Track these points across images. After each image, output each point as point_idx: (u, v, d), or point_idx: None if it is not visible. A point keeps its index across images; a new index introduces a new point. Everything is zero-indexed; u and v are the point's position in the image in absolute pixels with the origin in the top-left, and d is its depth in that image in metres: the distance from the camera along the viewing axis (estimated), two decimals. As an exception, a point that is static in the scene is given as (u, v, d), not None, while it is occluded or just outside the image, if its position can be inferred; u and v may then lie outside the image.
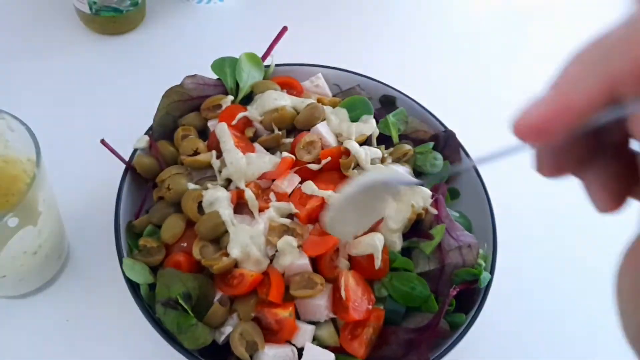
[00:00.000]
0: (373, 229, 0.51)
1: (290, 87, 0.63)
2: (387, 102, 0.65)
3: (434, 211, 0.53)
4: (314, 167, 0.53)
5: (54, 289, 0.53)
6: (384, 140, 0.60)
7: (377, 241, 0.49)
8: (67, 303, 0.52)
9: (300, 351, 0.47)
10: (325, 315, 0.48)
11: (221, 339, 0.47)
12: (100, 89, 0.69)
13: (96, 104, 0.67)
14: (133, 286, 0.47)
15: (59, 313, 0.52)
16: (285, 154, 0.54)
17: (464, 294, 0.51)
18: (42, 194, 0.43)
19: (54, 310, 0.52)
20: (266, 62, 0.63)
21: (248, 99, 0.61)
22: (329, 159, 0.54)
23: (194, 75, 0.59)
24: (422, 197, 0.52)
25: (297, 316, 0.48)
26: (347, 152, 0.54)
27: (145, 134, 0.56)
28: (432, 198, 0.53)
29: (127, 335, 0.51)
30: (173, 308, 0.44)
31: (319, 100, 0.60)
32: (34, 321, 0.51)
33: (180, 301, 0.44)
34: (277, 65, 0.64)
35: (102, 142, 0.53)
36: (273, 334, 0.47)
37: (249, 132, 0.58)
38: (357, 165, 0.54)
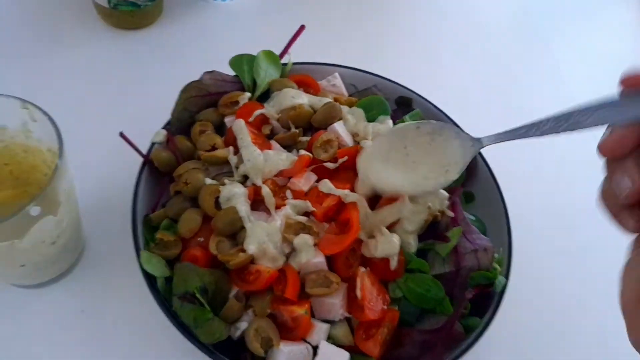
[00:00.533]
0: (390, 228, 0.51)
1: (307, 85, 0.63)
2: (403, 104, 0.65)
3: (450, 213, 0.52)
4: (331, 165, 0.53)
5: (69, 279, 0.53)
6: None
7: (394, 241, 0.49)
8: (82, 294, 0.52)
9: (314, 349, 0.47)
10: (340, 314, 0.48)
11: (236, 334, 0.47)
12: (118, 83, 0.69)
13: (114, 97, 0.67)
14: (150, 279, 0.47)
15: (74, 303, 0.52)
16: (302, 151, 0.54)
17: (479, 297, 0.50)
18: (63, 184, 0.43)
19: (70, 300, 0.52)
20: (283, 60, 0.63)
21: (265, 97, 0.61)
22: (345, 158, 0.53)
23: (212, 71, 0.59)
24: (438, 199, 0.52)
25: (312, 314, 0.48)
26: (364, 152, 0.54)
27: (163, 128, 0.56)
28: (448, 200, 0.53)
29: (142, 328, 0.51)
30: (190, 302, 0.44)
31: (335, 100, 0.60)
32: (50, 310, 0.51)
33: (197, 295, 0.44)
34: (294, 63, 0.64)
35: (121, 134, 0.53)
36: (288, 331, 0.47)
37: (266, 130, 0.58)
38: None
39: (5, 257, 0.43)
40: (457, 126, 0.61)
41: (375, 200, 0.53)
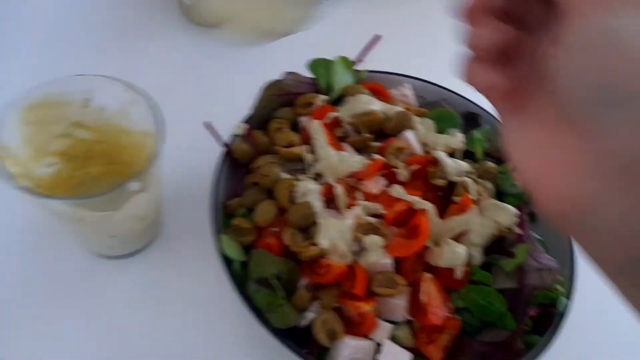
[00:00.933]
0: (456, 239, 0.52)
1: (379, 93, 0.64)
2: (470, 119, 0.66)
3: (518, 230, 0.53)
4: (403, 173, 0.55)
5: (145, 255, 0.56)
6: (466, 155, 0.61)
7: (460, 252, 0.50)
8: (157, 270, 0.55)
9: (377, 347, 0.48)
10: (402, 316, 0.49)
11: (303, 323, 0.48)
12: (199, 77, 0.72)
13: (196, 90, 0.70)
14: (226, 262, 0.49)
15: (150, 277, 0.55)
16: (375, 156, 0.55)
17: (540, 316, 0.51)
18: (157, 164, 0.46)
19: (146, 274, 0.55)
20: (357, 67, 0.65)
21: (337, 101, 0.63)
22: (417, 166, 0.55)
23: (294, 73, 0.61)
24: (507, 215, 0.53)
25: (375, 313, 0.49)
26: (435, 162, 0.56)
27: (243, 121, 0.59)
28: (517, 217, 0.54)
29: (211, 308, 0.54)
30: (266, 286, 0.46)
31: (406, 109, 0.62)
32: (128, 281, 0.55)
33: (273, 281, 0.46)
34: (367, 71, 0.66)
35: (206, 124, 0.55)
36: (352, 327, 0.48)
37: (338, 132, 0.60)
38: (443, 176, 0.55)
39: (101, 226, 0.47)
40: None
41: (444, 210, 0.54)
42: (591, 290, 0.57)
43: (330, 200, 0.54)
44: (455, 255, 0.50)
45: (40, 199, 0.43)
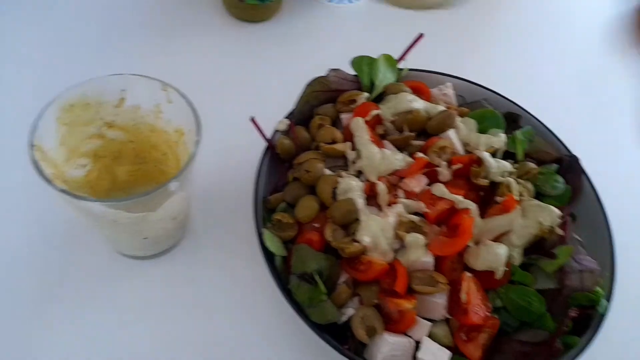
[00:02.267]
0: (497, 239, 0.52)
1: (420, 92, 0.65)
2: (511, 119, 0.66)
3: (560, 232, 0.53)
4: (445, 171, 0.55)
5: (175, 253, 0.57)
6: (507, 156, 0.61)
7: (501, 252, 0.50)
8: (189, 267, 0.56)
9: (415, 344, 0.49)
10: (441, 315, 0.50)
11: (342, 319, 0.49)
12: (240, 72, 0.73)
13: (239, 87, 0.72)
14: (268, 256, 0.50)
15: (181, 275, 0.56)
16: (418, 154, 0.56)
17: (579, 318, 0.51)
18: (193, 164, 0.46)
19: (177, 272, 0.56)
20: (399, 66, 0.65)
21: (379, 98, 0.63)
22: (460, 165, 0.55)
23: (337, 69, 0.62)
24: (550, 215, 0.53)
25: (414, 311, 0.50)
26: (478, 161, 0.56)
27: (286, 117, 0.60)
28: (560, 218, 0.53)
29: (249, 302, 0.55)
30: (307, 282, 0.47)
31: (448, 109, 0.62)
32: (163, 279, 0.55)
33: (315, 277, 0.47)
34: (409, 69, 0.66)
35: (252, 120, 0.56)
36: (391, 323, 0.49)
37: (380, 130, 0.60)
38: (486, 176, 0.55)
39: (135, 227, 0.47)
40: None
41: (485, 210, 0.54)
42: (631, 292, 0.56)
43: (371, 198, 0.54)
44: (496, 256, 0.50)
45: (79, 201, 0.41)
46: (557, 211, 0.53)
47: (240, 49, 0.76)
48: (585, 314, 0.51)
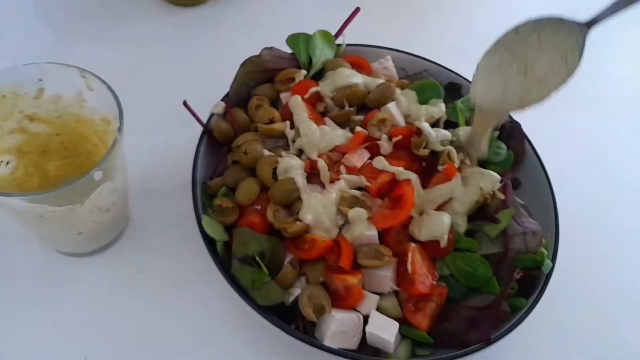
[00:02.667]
0: (440, 208, 0.52)
1: (360, 67, 0.64)
2: (453, 89, 0.66)
3: (501, 196, 0.53)
4: (385, 144, 0.54)
5: (119, 246, 0.55)
6: (449, 125, 0.61)
7: (444, 220, 0.50)
8: (132, 260, 0.54)
9: (364, 318, 0.48)
10: (389, 287, 0.50)
11: (290, 299, 0.48)
12: (176, 57, 0.71)
13: (172, 70, 0.69)
14: (209, 243, 0.48)
15: (127, 268, 0.54)
16: (358, 128, 0.55)
17: (525, 279, 0.51)
18: (120, 152, 0.45)
19: (122, 265, 0.54)
20: (337, 41, 0.64)
21: (318, 75, 0.62)
22: (400, 137, 0.55)
23: (271, 48, 0.60)
24: (490, 181, 0.53)
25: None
26: (418, 132, 0.55)
27: (222, 100, 0.58)
28: (499, 182, 0.54)
29: (195, 290, 0.53)
30: (249, 265, 0.46)
31: (388, 82, 0.61)
32: (106, 274, 0.53)
33: (257, 259, 0.46)
34: (348, 44, 0.65)
35: (184, 104, 0.54)
36: (339, 300, 0.48)
37: (320, 107, 0.59)
38: (426, 146, 0.55)
39: (64, 222, 0.44)
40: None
41: (427, 180, 0.54)
42: (574, 252, 0.58)
43: (314, 176, 0.53)
44: (439, 225, 0.50)
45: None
46: (497, 176, 0.53)
47: (176, 34, 0.74)
48: (530, 276, 0.52)
